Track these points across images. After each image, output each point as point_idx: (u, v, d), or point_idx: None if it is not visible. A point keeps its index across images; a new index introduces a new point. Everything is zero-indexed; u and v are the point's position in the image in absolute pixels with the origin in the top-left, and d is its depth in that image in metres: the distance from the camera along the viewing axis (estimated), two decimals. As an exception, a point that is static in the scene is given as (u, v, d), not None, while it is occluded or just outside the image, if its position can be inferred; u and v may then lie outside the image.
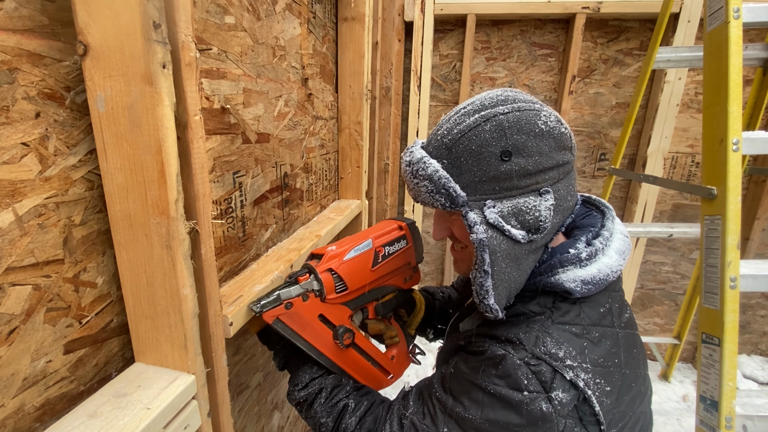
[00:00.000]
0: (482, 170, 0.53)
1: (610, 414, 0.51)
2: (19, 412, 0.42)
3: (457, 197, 0.54)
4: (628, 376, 0.55)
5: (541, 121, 0.53)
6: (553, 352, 0.51)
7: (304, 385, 0.67)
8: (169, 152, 0.43)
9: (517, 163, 0.52)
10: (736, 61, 1.00)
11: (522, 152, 0.52)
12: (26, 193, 0.41)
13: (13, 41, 0.39)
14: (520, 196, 0.54)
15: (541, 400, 0.49)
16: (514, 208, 0.53)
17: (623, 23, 1.84)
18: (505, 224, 0.53)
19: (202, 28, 0.63)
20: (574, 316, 0.54)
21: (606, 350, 0.53)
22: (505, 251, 0.53)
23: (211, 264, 0.54)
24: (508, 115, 0.52)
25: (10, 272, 0.40)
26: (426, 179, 0.55)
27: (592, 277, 0.54)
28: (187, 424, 0.50)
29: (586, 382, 0.50)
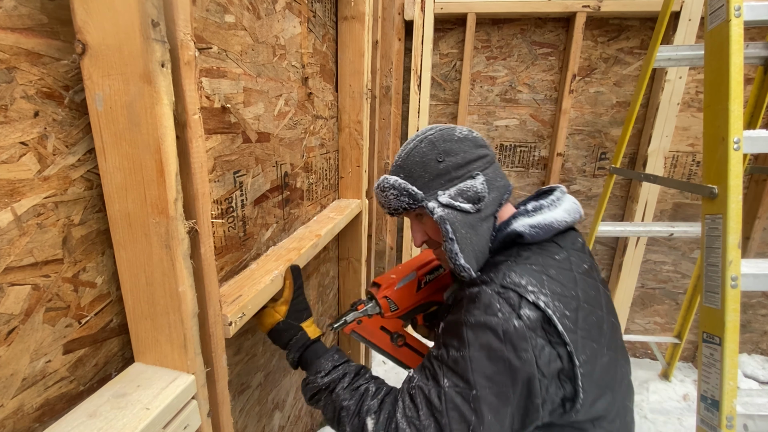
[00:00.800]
0: (428, 173, 0.72)
1: (573, 335, 0.59)
2: (18, 412, 0.42)
3: (416, 194, 0.72)
4: (588, 309, 0.64)
5: (457, 131, 0.75)
6: (517, 281, 0.62)
7: (327, 372, 0.73)
8: (168, 151, 0.43)
9: (450, 161, 0.72)
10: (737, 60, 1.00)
11: (450, 153, 0.72)
12: (25, 192, 0.40)
13: (11, 40, 0.38)
14: (460, 182, 0.72)
15: (513, 319, 0.58)
16: (458, 190, 0.71)
17: (624, 22, 1.84)
18: (455, 202, 0.70)
19: (202, 26, 0.63)
20: (534, 259, 0.67)
21: (562, 284, 0.64)
22: (461, 221, 0.69)
23: (211, 264, 0.54)
24: (435, 134, 0.75)
25: (9, 272, 0.39)
26: (391, 188, 0.74)
27: (538, 223, 0.69)
28: (186, 424, 0.50)
29: (546, 303, 0.59)
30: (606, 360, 0.63)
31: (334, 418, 0.69)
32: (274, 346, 1.04)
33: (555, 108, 2.00)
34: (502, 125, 2.09)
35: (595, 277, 0.70)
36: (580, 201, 2.11)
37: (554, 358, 0.58)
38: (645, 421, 1.77)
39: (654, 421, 1.76)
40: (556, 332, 0.58)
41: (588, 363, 0.60)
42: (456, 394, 0.59)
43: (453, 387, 0.59)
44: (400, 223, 2.28)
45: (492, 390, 0.58)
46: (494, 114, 2.08)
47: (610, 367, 0.64)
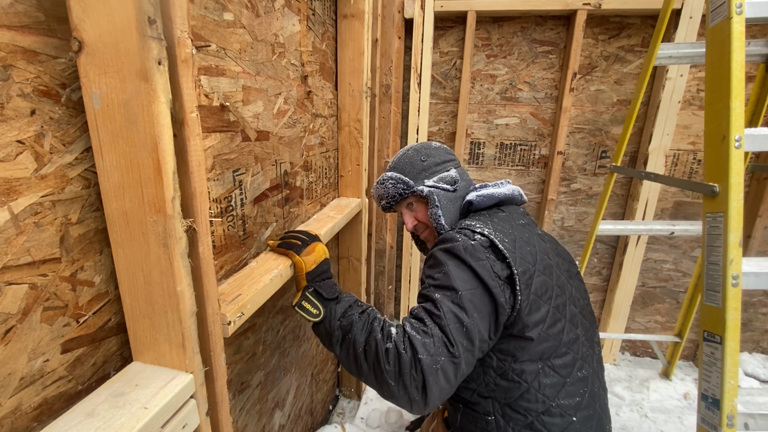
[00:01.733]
0: (415, 168, 1.03)
1: (511, 254, 0.80)
2: (16, 411, 0.41)
3: (408, 182, 1.02)
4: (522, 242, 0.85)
5: (433, 144, 1.09)
6: (470, 224, 0.87)
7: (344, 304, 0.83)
8: (166, 150, 0.43)
9: (430, 160, 1.04)
10: (738, 57, 0.99)
11: (430, 156, 1.04)
12: (22, 191, 0.40)
13: (7, 37, 0.38)
14: (439, 173, 1.03)
15: (470, 240, 0.81)
16: (438, 178, 1.02)
17: (624, 20, 1.83)
18: (438, 184, 1.00)
19: (201, 24, 0.63)
20: (483, 216, 0.92)
21: (503, 228, 0.87)
22: (443, 195, 0.99)
23: (209, 262, 0.54)
24: (416, 145, 1.08)
25: (6, 271, 0.39)
26: (389, 179, 1.04)
27: (484, 193, 0.97)
28: (185, 424, 0.50)
29: (490, 233, 0.83)
30: (540, 280, 0.82)
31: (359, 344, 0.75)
32: (274, 345, 1.04)
33: (555, 106, 2.00)
34: (503, 124, 2.08)
35: (531, 231, 0.92)
36: (581, 199, 2.11)
37: (503, 267, 0.79)
38: (645, 419, 1.77)
39: (654, 420, 1.76)
40: (500, 251, 0.80)
41: (524, 274, 0.79)
42: (447, 300, 0.74)
43: (444, 297, 0.75)
44: (400, 222, 2.28)
45: (470, 292, 0.75)
46: (494, 112, 2.07)
47: (544, 285, 0.82)
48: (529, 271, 0.80)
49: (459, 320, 0.72)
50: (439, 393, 0.69)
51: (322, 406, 1.60)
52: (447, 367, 0.69)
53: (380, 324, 0.76)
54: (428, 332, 0.71)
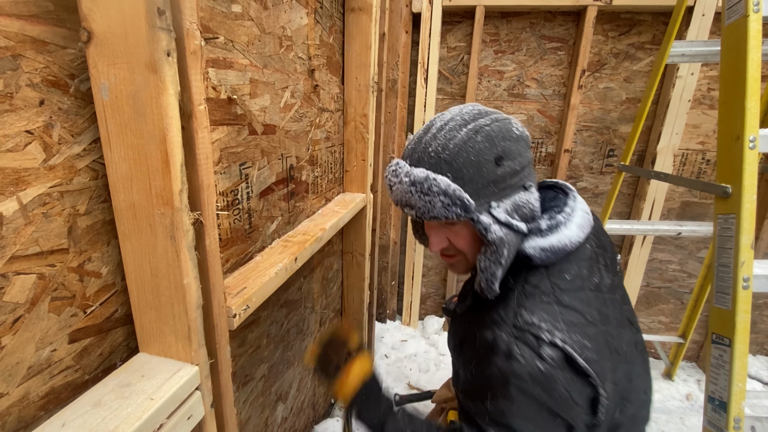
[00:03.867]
0: (483, 177, 0.59)
1: (596, 366, 0.57)
2: (23, 400, 0.42)
3: (469, 205, 0.58)
4: (604, 332, 0.61)
5: (515, 127, 0.62)
6: (530, 320, 0.58)
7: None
8: (174, 142, 0.43)
9: (508, 165, 0.60)
10: (755, 56, 0.97)
11: (509, 156, 0.60)
12: (30, 181, 0.40)
13: (16, 27, 0.38)
14: (514, 193, 0.62)
15: (536, 361, 0.56)
16: (513, 204, 0.62)
17: (635, 16, 1.80)
18: (512, 219, 0.61)
19: (209, 16, 0.62)
20: (544, 287, 0.62)
21: (576, 310, 0.60)
22: (514, 243, 0.62)
23: (215, 255, 0.54)
24: (492, 125, 0.61)
25: (15, 261, 0.39)
26: (441, 194, 0.58)
27: (551, 246, 0.62)
28: (190, 415, 0.50)
29: (564, 340, 0.56)
30: (623, 372, 0.63)
31: None
32: (278, 338, 1.05)
33: (563, 103, 1.97)
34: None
35: (603, 290, 0.66)
36: (587, 199, 2.09)
37: (585, 386, 0.57)
38: (647, 420, 1.77)
39: (656, 420, 1.75)
40: (579, 368, 0.56)
41: (611, 384, 0.60)
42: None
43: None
44: (405, 218, 2.27)
45: (538, 426, 0.58)
46: (501, 109, 2.06)
47: (627, 378, 0.65)
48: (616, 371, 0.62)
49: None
50: None
51: (324, 400, 1.61)
52: None
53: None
54: None
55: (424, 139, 0.62)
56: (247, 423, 0.92)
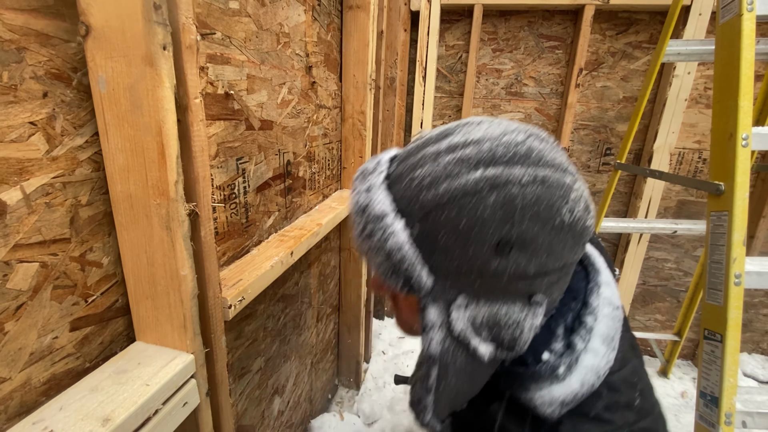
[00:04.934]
0: (465, 258, 0.37)
1: None
2: (25, 385, 0.43)
3: (420, 286, 0.39)
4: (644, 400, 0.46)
5: (568, 207, 0.37)
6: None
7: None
8: (169, 134, 0.44)
9: (516, 262, 0.37)
10: (748, 55, 0.98)
11: (527, 248, 0.36)
12: (34, 171, 0.41)
13: (21, 20, 0.39)
14: (504, 302, 0.39)
15: None
16: (491, 317, 0.39)
17: (633, 15, 1.81)
18: (473, 337, 0.40)
19: (206, 12, 0.63)
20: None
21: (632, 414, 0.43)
22: (460, 368, 0.41)
23: (211, 246, 0.55)
24: (527, 188, 0.36)
25: (18, 249, 0.41)
26: (382, 252, 0.39)
27: (575, 395, 0.42)
28: (185, 402, 0.51)
29: None
30: None
31: None
32: (275, 332, 1.06)
33: (561, 102, 1.98)
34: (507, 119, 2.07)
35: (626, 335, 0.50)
36: (584, 197, 2.09)
37: None
38: (642, 416, 1.78)
39: (651, 417, 1.77)
40: None
41: None
42: None
43: None
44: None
45: None
46: (499, 107, 2.07)
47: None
48: None
49: None
50: None
51: (321, 394, 1.62)
52: None
53: None
54: None
55: (427, 150, 0.40)
56: (243, 415, 0.93)
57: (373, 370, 1.95)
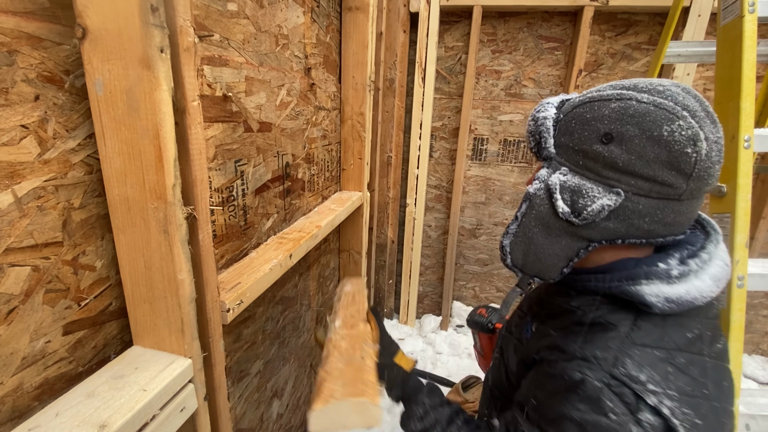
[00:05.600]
0: (580, 140, 0.52)
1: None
2: (17, 390, 0.42)
3: (544, 149, 0.56)
4: (718, 410, 0.49)
5: (670, 129, 0.47)
6: (634, 374, 0.47)
7: (420, 416, 0.70)
8: (167, 137, 0.43)
9: (611, 152, 0.49)
10: (749, 57, 0.98)
11: (623, 143, 0.48)
12: (25, 175, 0.41)
13: (12, 23, 0.39)
14: (590, 181, 0.52)
15: (631, 424, 0.46)
16: (576, 186, 0.53)
17: (632, 17, 1.81)
18: (556, 193, 0.54)
19: (204, 14, 0.63)
20: (658, 338, 0.51)
21: (693, 379, 0.49)
22: (541, 214, 0.56)
23: (209, 250, 0.54)
24: (641, 105, 0.48)
25: (10, 253, 0.40)
26: (533, 120, 0.58)
27: (678, 297, 0.50)
28: (183, 407, 0.51)
29: (672, 410, 0.45)
30: None
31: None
32: (273, 335, 1.05)
33: (561, 103, 1.98)
34: (507, 120, 2.07)
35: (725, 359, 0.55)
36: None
37: None
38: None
39: None
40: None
41: None
42: None
43: None
44: (402, 217, 2.28)
45: None
46: (499, 108, 2.06)
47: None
48: None
49: None
50: None
51: (320, 397, 1.62)
52: None
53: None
54: None
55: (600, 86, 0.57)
56: (242, 418, 0.92)
57: (372, 373, 1.94)
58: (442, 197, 2.27)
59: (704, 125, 0.47)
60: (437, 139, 2.17)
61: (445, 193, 2.26)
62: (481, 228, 2.30)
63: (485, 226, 2.29)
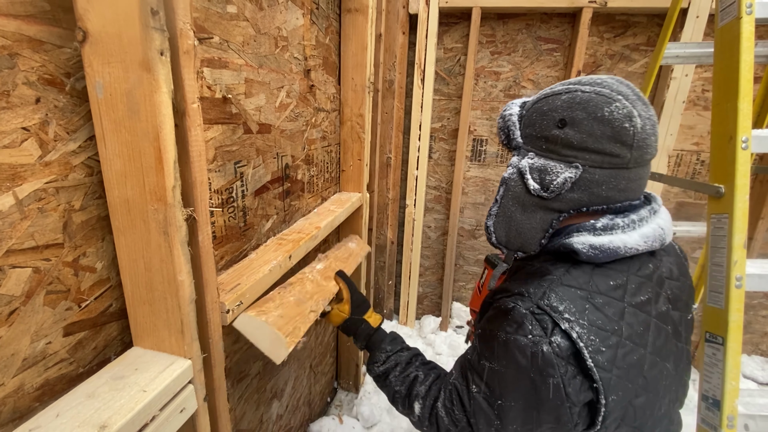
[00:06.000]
0: (540, 128, 0.62)
1: (606, 373, 0.55)
2: (18, 391, 0.43)
3: (513, 140, 0.66)
4: (629, 347, 0.58)
5: (610, 110, 0.57)
6: (555, 305, 0.57)
7: (381, 362, 0.80)
8: (167, 139, 0.44)
9: (566, 134, 0.59)
10: (747, 58, 0.98)
11: (575, 126, 0.59)
12: (26, 177, 0.41)
13: (13, 26, 0.39)
14: (553, 160, 0.61)
15: (543, 344, 0.55)
16: (542, 166, 0.62)
17: (631, 18, 1.81)
18: (528, 174, 0.63)
19: (204, 17, 0.63)
20: (584, 282, 0.60)
21: (606, 317, 0.58)
22: (516, 194, 0.65)
23: (209, 251, 0.55)
24: (584, 94, 0.59)
25: (11, 254, 0.40)
26: (501, 117, 0.69)
27: (601, 245, 0.59)
28: (183, 408, 0.51)
29: (579, 334, 0.55)
30: (641, 401, 0.60)
31: (390, 398, 0.78)
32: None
33: (560, 104, 1.99)
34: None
35: (650, 311, 0.62)
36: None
37: (585, 389, 0.56)
38: (642, 419, 1.78)
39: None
40: (586, 367, 0.55)
41: (617, 402, 0.57)
42: (482, 399, 0.61)
43: (480, 393, 0.62)
44: (401, 218, 2.28)
45: (518, 405, 0.58)
46: (497, 110, 2.07)
47: (645, 407, 0.61)
48: (628, 395, 0.58)
49: (490, 424, 0.61)
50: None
51: (320, 398, 1.62)
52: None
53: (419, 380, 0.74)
54: (456, 420, 0.65)
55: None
56: (241, 419, 0.93)
57: (372, 374, 1.94)
58: (442, 198, 2.28)
59: (636, 105, 0.58)
60: (436, 140, 2.18)
61: (445, 194, 2.26)
62: (481, 229, 2.30)
63: (485, 226, 2.30)
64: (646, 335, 0.61)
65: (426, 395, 0.71)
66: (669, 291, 0.67)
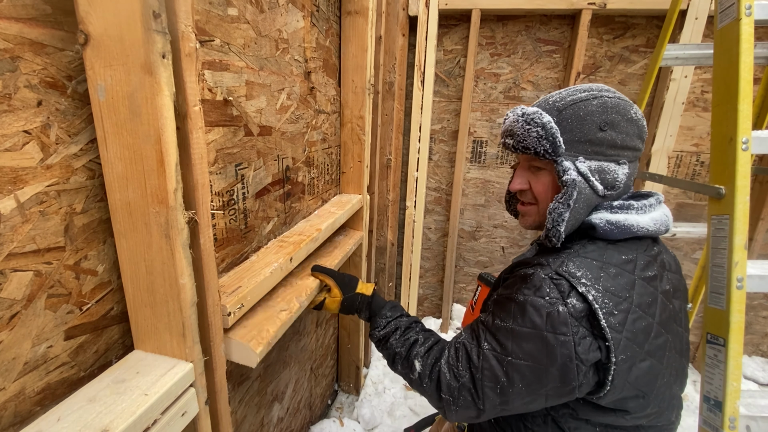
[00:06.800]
0: (582, 133, 0.66)
1: (617, 334, 0.59)
2: (20, 395, 0.42)
3: (558, 147, 0.66)
4: (638, 314, 0.62)
5: (633, 111, 0.68)
6: (573, 271, 0.63)
7: (382, 327, 0.83)
8: (169, 142, 0.44)
9: (610, 135, 0.66)
10: (746, 59, 0.99)
11: (615, 128, 0.66)
12: (28, 180, 0.41)
13: (15, 29, 0.39)
14: (605, 161, 0.68)
15: (559, 305, 0.60)
16: (599, 167, 0.67)
17: (630, 20, 1.82)
18: (591, 176, 0.67)
19: (205, 19, 0.63)
20: (598, 255, 0.66)
21: (619, 284, 0.63)
22: (586, 196, 0.67)
23: (210, 254, 0.54)
24: (611, 99, 0.68)
25: (12, 258, 0.40)
26: (539, 126, 0.67)
27: (617, 221, 0.66)
28: (184, 411, 0.51)
29: (595, 297, 0.60)
30: (646, 365, 0.63)
31: (390, 360, 0.80)
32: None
33: (559, 106, 1.99)
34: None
35: (657, 286, 0.67)
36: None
37: (594, 348, 0.60)
38: (644, 421, 1.77)
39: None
40: (599, 327, 0.59)
41: (625, 362, 0.60)
42: (492, 356, 0.64)
43: (491, 350, 0.65)
44: (401, 219, 2.28)
45: (527, 363, 0.61)
46: (497, 111, 2.07)
47: (650, 373, 0.63)
48: (634, 357, 0.61)
49: (495, 380, 0.63)
50: (462, 420, 0.69)
51: (320, 400, 1.61)
52: (468, 412, 0.66)
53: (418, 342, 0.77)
54: (458, 376, 0.67)
55: (552, 94, 0.73)
56: (242, 422, 0.92)
57: (372, 376, 1.94)
58: (442, 200, 2.28)
59: None
60: (436, 141, 2.18)
61: (445, 196, 2.26)
62: (481, 230, 2.30)
63: (485, 228, 2.30)
64: (653, 307, 0.65)
65: (426, 354, 0.74)
66: (670, 278, 0.71)
